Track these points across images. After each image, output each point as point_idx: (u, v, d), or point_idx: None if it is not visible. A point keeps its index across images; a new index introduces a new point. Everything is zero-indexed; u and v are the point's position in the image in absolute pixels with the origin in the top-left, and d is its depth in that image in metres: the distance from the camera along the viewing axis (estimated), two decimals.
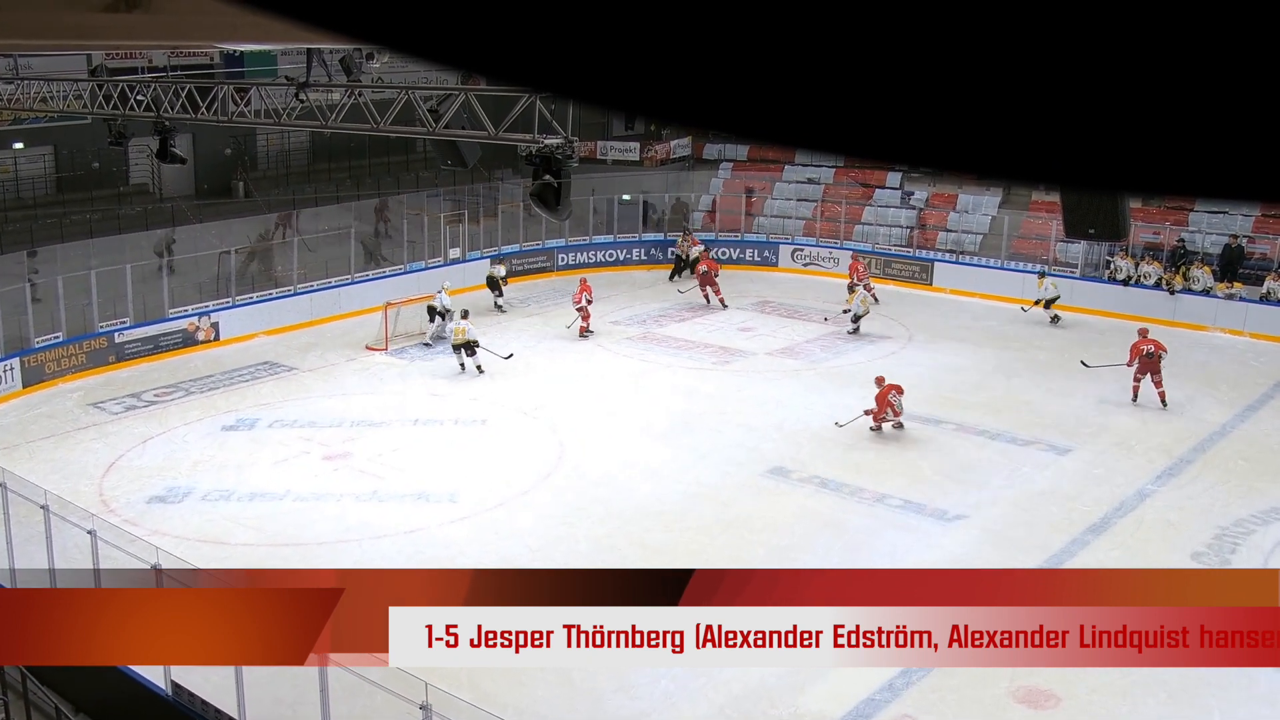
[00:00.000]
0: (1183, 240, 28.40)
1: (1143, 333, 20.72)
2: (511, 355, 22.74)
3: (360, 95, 16.45)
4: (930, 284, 30.35)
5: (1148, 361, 20.08)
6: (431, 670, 10.99)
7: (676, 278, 30.87)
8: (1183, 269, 27.45)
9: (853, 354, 24.39)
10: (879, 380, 19.38)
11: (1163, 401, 20.14)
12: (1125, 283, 27.94)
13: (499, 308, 27.55)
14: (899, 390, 18.97)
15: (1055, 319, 26.54)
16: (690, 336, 25.64)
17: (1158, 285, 27.51)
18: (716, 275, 28.43)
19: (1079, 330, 26.39)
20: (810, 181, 34.64)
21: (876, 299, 27.06)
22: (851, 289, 27.05)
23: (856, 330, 25.48)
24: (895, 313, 27.83)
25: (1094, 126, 0.59)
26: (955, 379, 22.53)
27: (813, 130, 0.61)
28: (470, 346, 22.59)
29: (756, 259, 32.94)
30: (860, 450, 18.60)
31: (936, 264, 30.67)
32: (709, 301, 28.11)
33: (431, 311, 24.75)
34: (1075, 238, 17.20)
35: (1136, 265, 27.95)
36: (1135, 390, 20.43)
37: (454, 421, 20.13)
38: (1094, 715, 11.46)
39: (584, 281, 26.10)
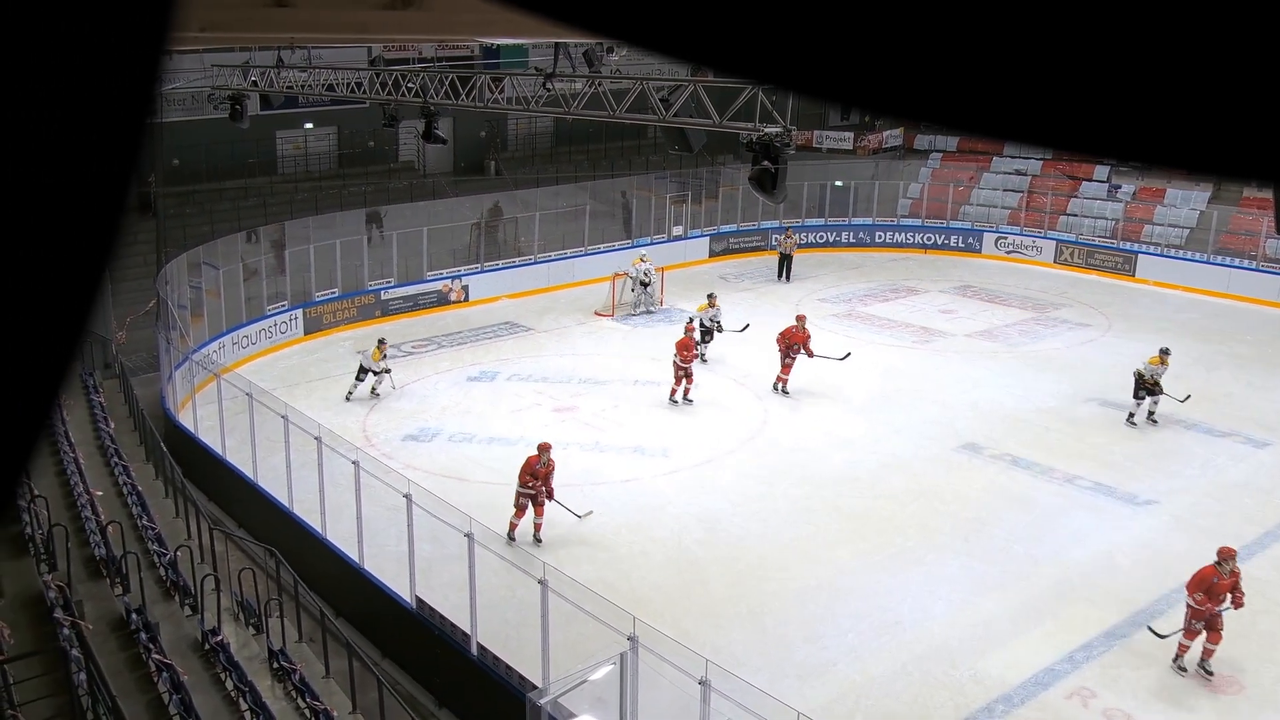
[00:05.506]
0: None
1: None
2: None
3: (599, 85, 16.70)
4: (1133, 275, 28.69)
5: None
6: (638, 605, 11.22)
7: (784, 279, 28.46)
8: None
9: (1051, 339, 23.34)
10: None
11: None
12: None
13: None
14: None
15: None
16: (893, 316, 25.05)
17: None
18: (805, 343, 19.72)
19: None
20: (1017, 173, 33.25)
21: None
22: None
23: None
24: (1096, 301, 26.45)
25: None
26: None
27: (1026, 123, 0.58)
28: (368, 372, 19.26)
29: (960, 245, 31.90)
30: (1054, 432, 17.81)
31: (1140, 255, 28.96)
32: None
33: (636, 283, 25.26)
34: None
35: None
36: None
37: (670, 384, 20.31)
38: (1276, 701, 10.68)
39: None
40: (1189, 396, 18.30)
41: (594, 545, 13.86)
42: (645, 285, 25.44)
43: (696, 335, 19.82)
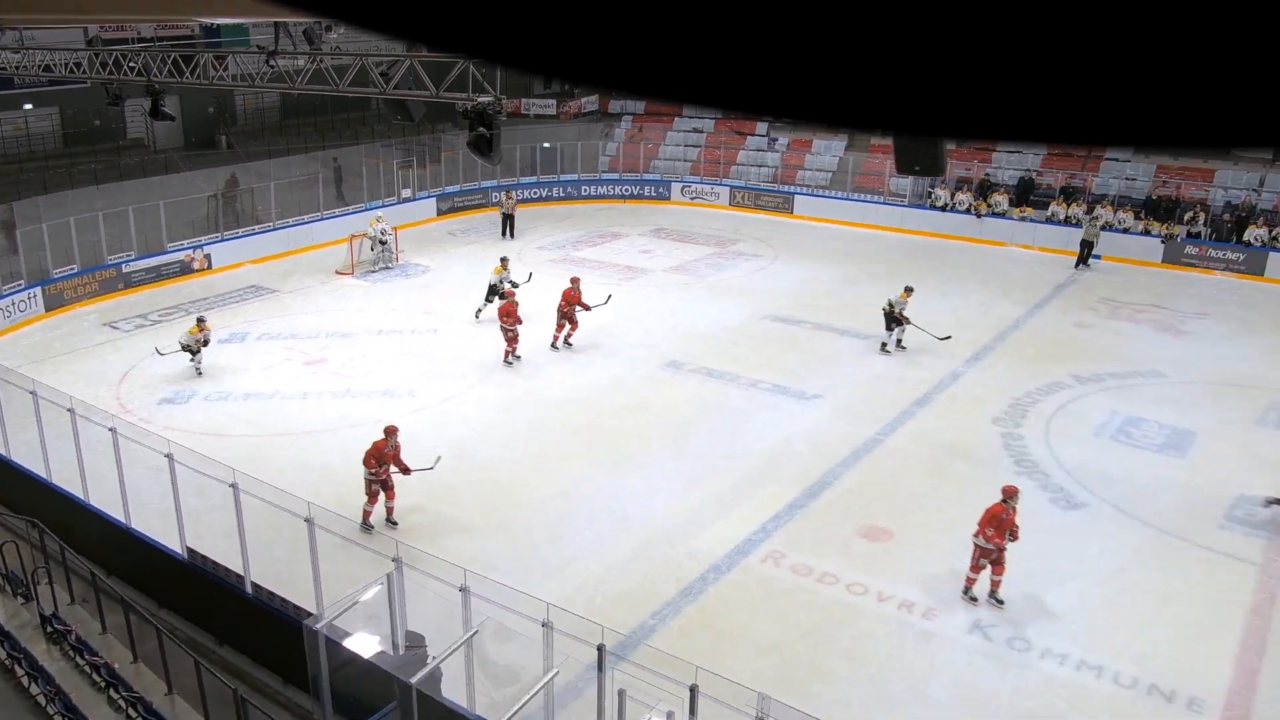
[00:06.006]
0: (988, 174, 28.91)
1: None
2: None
3: (322, 61, 15.81)
4: (792, 212, 30.53)
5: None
6: (400, 530, 11.03)
7: (508, 236, 27.49)
8: (987, 197, 27.99)
9: (731, 270, 24.52)
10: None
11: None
12: (943, 209, 28.43)
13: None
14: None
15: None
16: (601, 258, 25.50)
17: (968, 210, 28.06)
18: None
19: (906, 248, 26.84)
20: (695, 131, 34.41)
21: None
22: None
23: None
24: (764, 235, 27.98)
25: (917, 87, 0.59)
26: (812, 288, 22.83)
27: (696, 89, 0.61)
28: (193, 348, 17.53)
29: (653, 194, 32.76)
30: (738, 346, 18.82)
31: (796, 196, 30.82)
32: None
33: (375, 243, 24.56)
34: (904, 173, 17.35)
35: (952, 195, 28.41)
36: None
37: (411, 331, 19.86)
38: (916, 543, 11.93)
39: None
40: (949, 337, 18.56)
41: (355, 482, 13.43)
42: (383, 244, 24.66)
43: (518, 298, 18.35)
